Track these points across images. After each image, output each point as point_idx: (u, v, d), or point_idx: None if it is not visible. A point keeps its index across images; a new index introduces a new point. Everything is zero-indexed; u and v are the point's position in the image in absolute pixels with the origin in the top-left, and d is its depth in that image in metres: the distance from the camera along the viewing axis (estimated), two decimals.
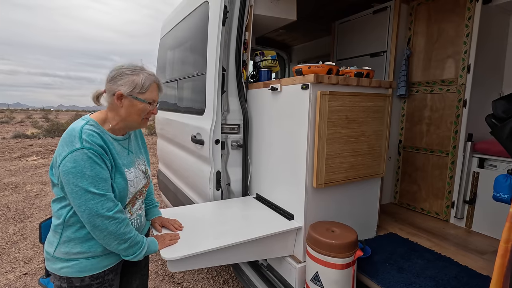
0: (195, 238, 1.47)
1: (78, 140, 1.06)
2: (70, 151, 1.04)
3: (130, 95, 1.15)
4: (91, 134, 1.09)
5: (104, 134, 1.16)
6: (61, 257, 1.14)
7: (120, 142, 1.25)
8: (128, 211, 1.29)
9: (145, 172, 1.37)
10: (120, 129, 1.24)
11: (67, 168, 1.03)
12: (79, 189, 1.04)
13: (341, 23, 3.15)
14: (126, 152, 1.27)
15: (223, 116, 2.15)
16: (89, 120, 1.16)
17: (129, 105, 1.17)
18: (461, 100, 2.28)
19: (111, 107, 1.20)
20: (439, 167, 2.47)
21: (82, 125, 1.11)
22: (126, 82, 1.15)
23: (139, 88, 1.16)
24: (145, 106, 1.20)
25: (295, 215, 1.75)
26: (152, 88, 1.20)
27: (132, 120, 1.21)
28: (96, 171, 1.06)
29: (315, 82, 1.55)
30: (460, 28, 2.27)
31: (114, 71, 1.17)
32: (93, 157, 1.06)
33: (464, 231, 2.23)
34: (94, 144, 1.08)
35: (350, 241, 1.44)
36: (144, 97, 1.19)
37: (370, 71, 1.85)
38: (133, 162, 1.29)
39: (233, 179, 2.23)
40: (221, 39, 2.03)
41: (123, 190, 1.20)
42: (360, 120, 1.74)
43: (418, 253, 1.84)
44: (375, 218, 2.08)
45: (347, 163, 1.73)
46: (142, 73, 1.18)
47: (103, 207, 1.06)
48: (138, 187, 1.31)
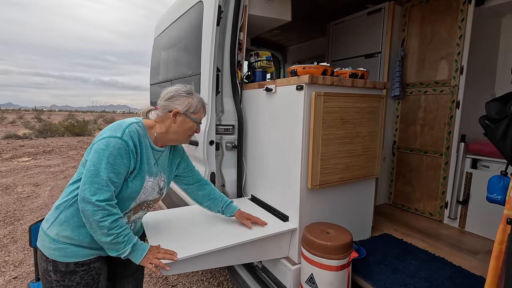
0: (188, 240, 1.45)
1: (121, 130, 1.17)
2: (110, 135, 1.15)
3: (184, 113, 1.30)
4: (134, 131, 1.21)
5: (145, 137, 1.27)
6: (51, 236, 1.17)
7: (154, 152, 1.33)
8: (127, 216, 1.31)
9: (161, 187, 1.39)
10: (163, 140, 1.34)
11: (98, 147, 1.13)
12: (94, 168, 1.10)
13: (335, 24, 3.15)
14: (154, 162, 1.33)
15: (218, 117, 2.14)
16: (140, 121, 1.28)
17: (181, 121, 1.31)
18: (454, 101, 2.30)
19: (161, 120, 1.32)
20: (433, 167, 2.48)
21: (132, 122, 1.24)
22: (183, 102, 1.30)
23: (193, 109, 1.32)
24: (194, 125, 1.35)
25: (290, 216, 1.75)
26: (201, 110, 1.37)
27: (181, 134, 1.34)
28: (117, 162, 1.13)
29: (310, 83, 1.55)
30: (453, 29, 2.28)
31: (172, 92, 1.31)
32: (122, 149, 1.14)
33: (458, 232, 2.25)
34: (131, 140, 1.18)
35: (345, 243, 1.44)
36: (195, 117, 1.34)
37: (364, 72, 1.85)
38: (156, 173, 1.34)
39: (228, 180, 2.21)
40: (216, 39, 2.02)
41: (134, 192, 1.24)
42: (355, 121, 1.74)
43: (412, 254, 1.84)
44: (369, 219, 2.08)
45: (342, 164, 1.73)
46: (195, 96, 1.35)
47: (100, 195, 1.09)
48: (149, 198, 1.33)
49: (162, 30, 3.13)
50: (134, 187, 1.22)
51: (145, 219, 1.68)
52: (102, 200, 1.09)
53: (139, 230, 1.47)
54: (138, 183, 1.23)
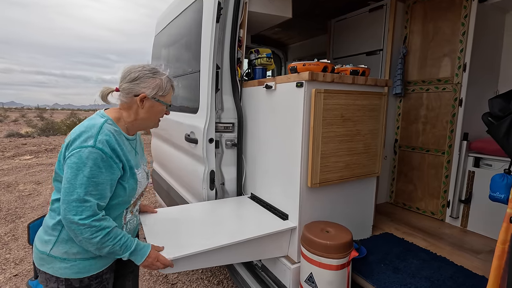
0: (187, 238, 1.44)
1: (93, 137, 1.05)
2: (79, 146, 1.04)
3: (153, 97, 1.19)
4: (108, 135, 1.09)
5: (120, 134, 1.17)
6: (60, 256, 1.12)
7: (130, 142, 1.26)
8: (130, 211, 1.30)
9: (147, 173, 1.38)
10: (134, 128, 1.25)
11: (71, 162, 1.03)
12: (70, 185, 1.02)
13: (337, 21, 3.12)
14: (133, 153, 1.28)
15: (217, 115, 2.12)
16: (108, 118, 1.15)
17: (150, 106, 1.20)
18: (457, 99, 2.27)
19: (127, 106, 1.20)
20: (435, 166, 2.46)
21: (102, 123, 1.10)
22: (150, 85, 1.17)
23: (162, 91, 1.21)
24: (163, 109, 1.25)
25: (289, 215, 1.73)
26: (170, 91, 1.27)
27: (151, 120, 1.25)
28: (94, 173, 1.03)
29: (310, 80, 1.53)
30: (456, 26, 2.25)
31: (135, 72, 1.17)
32: (98, 159, 1.04)
33: (460, 231, 2.22)
34: (107, 146, 1.07)
35: (345, 242, 1.42)
36: (165, 99, 1.24)
37: (365, 69, 1.82)
38: (139, 162, 1.30)
39: (228, 179, 2.20)
40: (215, 36, 2.00)
41: (132, 190, 1.22)
42: (355, 118, 1.72)
43: (413, 253, 1.82)
44: (370, 218, 2.07)
45: (342, 162, 1.71)
46: (162, 76, 1.22)
47: (81, 213, 1.01)
48: (143, 188, 1.32)
49: (163, 28, 3.11)
50: (131, 186, 1.20)
51: (144, 217, 1.67)
52: (85, 218, 1.02)
53: (137, 224, 1.45)
54: (132, 181, 1.21)
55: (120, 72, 1.22)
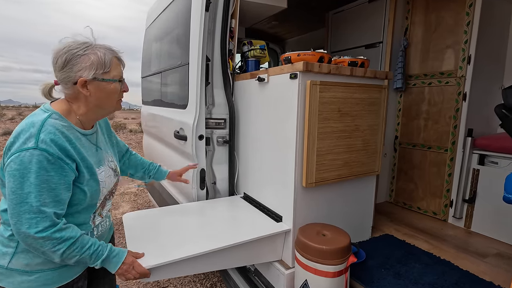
0: (172, 243, 1.33)
1: (33, 137, 0.88)
2: (19, 149, 0.88)
3: (94, 78, 0.98)
4: (52, 133, 0.91)
5: (71, 129, 0.99)
6: (20, 269, 0.98)
7: (89, 137, 1.09)
8: (98, 214, 1.16)
9: (114, 169, 1.22)
10: (90, 120, 1.08)
11: (11, 169, 0.87)
12: (16, 196, 0.87)
13: (335, 13, 3.00)
14: (94, 149, 1.11)
15: (208, 110, 2.00)
16: (52, 112, 0.97)
17: (97, 90, 1.01)
18: (461, 93, 2.16)
19: (74, 98, 1.02)
20: (437, 164, 2.34)
21: (44, 119, 0.93)
22: (84, 66, 0.96)
23: (102, 68, 0.99)
24: (116, 86, 1.05)
25: (283, 216, 1.62)
26: (114, 64, 1.03)
27: (107, 105, 1.06)
28: (42, 178, 0.88)
29: (305, 71, 1.41)
30: (460, 16, 2.13)
31: (61, 56, 0.96)
32: (44, 161, 0.88)
33: (463, 232, 2.12)
34: (52, 146, 0.90)
35: (343, 246, 1.31)
36: (110, 76, 1.02)
37: (364, 60, 1.71)
38: (102, 159, 1.14)
39: (219, 178, 2.08)
40: (205, 26, 1.87)
41: (95, 193, 1.06)
42: (354, 113, 1.60)
43: (415, 257, 1.71)
44: (370, 219, 1.95)
45: (340, 160, 1.59)
46: (96, 49, 1.00)
47: (37, 226, 0.88)
48: (109, 187, 1.17)
49: (153, 20, 2.98)
50: (92, 189, 1.04)
51: (126, 219, 1.56)
52: (43, 230, 0.88)
53: (110, 224, 1.30)
54: (93, 183, 1.05)
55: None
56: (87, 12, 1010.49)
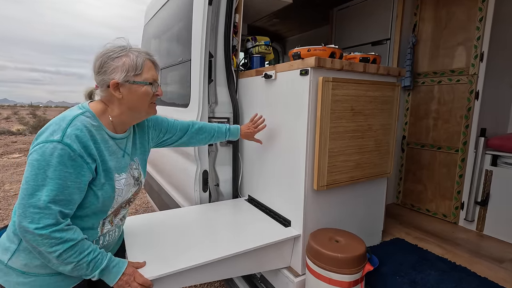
0: (175, 251, 1.24)
1: (61, 131, 0.88)
2: (44, 140, 0.87)
3: (126, 81, 0.98)
4: (79, 129, 0.91)
5: (100, 130, 0.98)
6: (18, 269, 0.93)
7: (117, 141, 1.06)
8: (109, 221, 1.08)
9: (137, 178, 1.16)
10: (124, 122, 1.07)
11: (32, 159, 0.86)
12: (28, 186, 0.85)
13: (339, 9, 2.91)
14: (121, 154, 1.07)
15: (211, 109, 1.91)
16: (86, 110, 0.98)
17: (129, 93, 1.00)
18: (473, 92, 2.08)
19: (109, 100, 1.03)
20: (447, 165, 2.27)
21: (76, 115, 0.94)
22: (116, 68, 0.97)
23: (133, 70, 0.99)
24: (147, 89, 1.03)
25: (292, 221, 1.53)
26: (147, 67, 1.03)
27: (138, 108, 1.05)
28: (59, 174, 0.86)
29: (316, 67, 1.32)
30: (473, 11, 2.05)
31: (97, 60, 0.99)
32: (65, 156, 0.87)
33: (476, 235, 2.04)
34: (76, 142, 0.89)
35: (359, 254, 1.22)
36: (142, 78, 1.01)
37: (376, 56, 1.63)
38: (126, 166, 1.09)
39: (223, 179, 1.99)
40: (208, 21, 1.78)
41: (108, 200, 1.00)
42: (366, 112, 1.52)
43: (430, 263, 1.63)
44: (380, 223, 1.87)
45: (352, 161, 1.51)
46: (131, 52, 1.00)
47: (38, 222, 0.83)
48: (126, 197, 1.10)
49: (152, 16, 2.88)
50: (105, 194, 0.99)
51: (125, 224, 1.46)
52: (43, 227, 0.84)
53: (120, 235, 1.24)
54: (108, 189, 0.99)
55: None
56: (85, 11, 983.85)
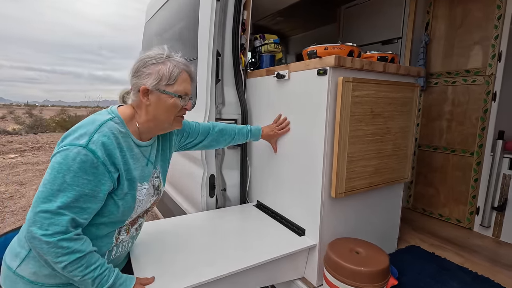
0: (184, 264, 1.15)
1: (88, 136, 0.85)
2: (70, 143, 0.84)
3: (156, 88, 0.95)
4: (107, 136, 0.88)
5: (126, 137, 0.95)
6: (26, 277, 0.87)
7: (142, 149, 1.02)
8: (125, 230, 1.02)
9: (157, 187, 1.10)
10: (149, 131, 1.02)
11: (55, 161, 0.83)
12: (45, 189, 0.81)
13: (347, 7, 2.83)
14: (145, 162, 1.02)
15: (217, 110, 1.82)
16: (115, 116, 0.94)
17: (157, 101, 0.97)
18: (490, 93, 2.00)
19: (137, 105, 0.99)
20: (462, 168, 2.19)
21: (105, 120, 0.90)
22: (150, 74, 0.94)
23: (166, 80, 0.96)
24: (176, 101, 0.99)
25: (307, 229, 1.44)
26: (181, 78, 0.99)
27: (163, 119, 1.00)
28: (79, 181, 0.82)
29: (336, 66, 1.23)
30: (491, 9, 1.98)
31: (137, 62, 0.97)
32: (87, 162, 0.83)
33: (493, 242, 1.96)
34: (101, 149, 0.86)
35: (383, 268, 1.14)
36: (173, 89, 0.98)
37: (394, 55, 1.54)
38: (149, 175, 1.04)
39: (230, 184, 1.90)
40: (215, 17, 1.69)
41: (127, 209, 0.95)
42: (386, 114, 1.43)
43: (450, 273, 1.55)
44: (396, 230, 1.79)
45: (370, 166, 1.42)
46: (169, 61, 0.97)
47: (47, 228, 0.78)
48: (145, 207, 1.05)
49: (154, 13, 2.78)
50: (126, 205, 0.94)
51: None
52: (51, 235, 0.78)
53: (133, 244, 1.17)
54: (130, 199, 0.94)
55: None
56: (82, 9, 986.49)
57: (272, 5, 2.59)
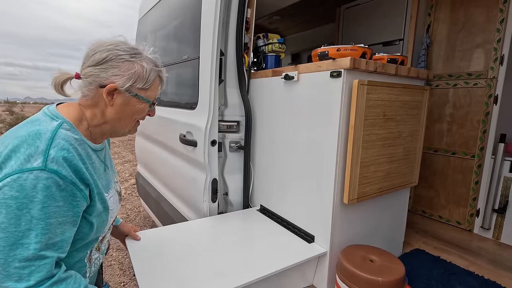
0: (184, 277, 1.08)
1: (41, 154, 0.67)
2: (18, 170, 0.65)
3: (128, 90, 0.82)
4: (66, 149, 0.70)
5: (82, 144, 0.79)
6: None
7: (99, 154, 0.88)
8: (96, 249, 0.91)
9: (119, 192, 1.00)
10: (103, 134, 0.88)
11: (4, 197, 0.64)
12: (7, 235, 0.63)
13: (347, 8, 2.80)
14: (103, 168, 0.89)
15: (220, 111, 1.75)
16: (62, 121, 0.76)
17: (123, 103, 0.83)
18: (492, 96, 2.01)
19: (92, 103, 0.83)
20: (462, 171, 2.20)
21: (55, 129, 0.72)
22: (124, 72, 0.80)
23: (141, 83, 0.83)
24: (145, 107, 0.88)
25: (316, 236, 1.40)
26: (155, 84, 0.89)
27: (124, 124, 0.87)
28: (50, 211, 0.67)
29: (351, 68, 1.19)
30: (493, 13, 1.98)
31: (103, 51, 0.79)
32: (53, 187, 0.67)
33: (494, 244, 1.98)
34: (65, 167, 0.69)
35: (400, 277, 1.11)
36: (146, 94, 0.86)
37: (404, 57, 1.52)
38: (110, 181, 0.92)
39: (232, 188, 1.84)
40: (219, 15, 1.62)
41: (102, 225, 0.84)
42: (397, 118, 1.40)
43: (458, 277, 1.54)
44: (402, 233, 1.78)
45: (381, 171, 1.39)
46: (145, 61, 0.84)
47: (29, 278, 0.64)
48: (115, 215, 0.95)
49: (149, 9, 2.67)
50: (100, 220, 0.83)
51: (130, 244, 1.29)
52: (36, 284, 0.65)
53: (103, 256, 1.03)
54: (103, 213, 0.83)
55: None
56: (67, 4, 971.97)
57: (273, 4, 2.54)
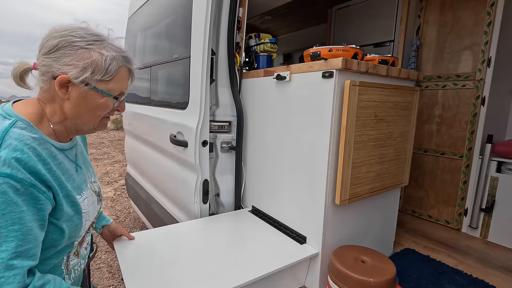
0: (174, 280, 1.06)
1: None
2: None
3: (83, 82, 0.72)
4: (19, 149, 0.64)
5: (43, 143, 0.71)
6: None
7: (67, 153, 0.80)
8: (74, 253, 0.86)
9: (98, 192, 0.93)
10: (68, 131, 0.80)
11: None
12: None
13: (339, 8, 2.81)
14: (74, 168, 0.82)
15: (211, 111, 1.73)
16: (17, 119, 0.69)
17: (79, 97, 0.74)
18: (479, 97, 2.05)
19: (49, 97, 0.75)
20: (451, 171, 2.24)
21: (5, 129, 0.65)
22: (78, 61, 0.70)
23: (100, 74, 0.73)
24: (108, 102, 0.78)
25: (308, 237, 1.39)
26: (120, 75, 0.77)
27: (85, 120, 0.78)
28: (12, 217, 0.62)
29: (343, 69, 1.19)
30: (481, 16, 2.02)
31: (56, 38, 0.70)
32: (10, 192, 0.61)
33: (481, 243, 2.01)
34: (20, 169, 0.63)
35: (391, 278, 1.11)
36: (107, 87, 0.76)
37: (395, 59, 1.52)
38: (84, 182, 0.85)
39: (223, 189, 1.82)
40: (211, 13, 1.60)
41: (75, 229, 0.77)
42: (388, 118, 1.41)
43: (447, 276, 1.56)
44: (392, 233, 1.79)
45: (373, 172, 1.39)
46: (105, 48, 0.74)
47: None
48: (93, 218, 0.88)
49: (139, 7, 2.63)
50: (72, 225, 0.77)
51: (119, 247, 1.26)
52: None
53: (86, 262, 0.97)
54: (75, 217, 0.77)
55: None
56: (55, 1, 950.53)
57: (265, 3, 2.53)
